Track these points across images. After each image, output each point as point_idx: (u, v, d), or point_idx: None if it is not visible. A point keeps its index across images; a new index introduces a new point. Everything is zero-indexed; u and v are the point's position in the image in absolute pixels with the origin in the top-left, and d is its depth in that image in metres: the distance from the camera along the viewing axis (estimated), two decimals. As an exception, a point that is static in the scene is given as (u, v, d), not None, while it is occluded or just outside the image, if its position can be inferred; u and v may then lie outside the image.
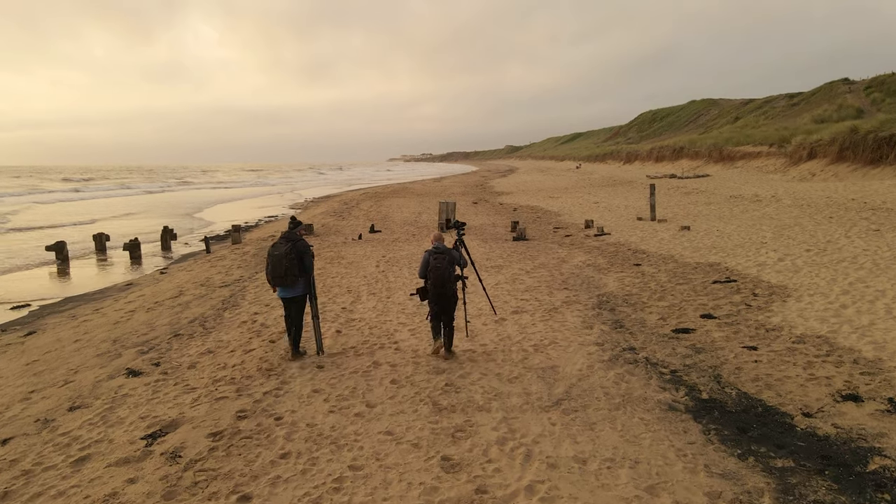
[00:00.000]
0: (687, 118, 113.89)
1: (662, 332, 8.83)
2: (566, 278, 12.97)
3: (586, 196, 34.95)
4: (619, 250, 16.43)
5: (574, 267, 14.31)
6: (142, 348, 8.78)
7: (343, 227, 23.89)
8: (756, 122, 76.82)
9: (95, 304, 13.08)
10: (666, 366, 7.40)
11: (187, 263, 17.90)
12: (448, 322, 7.76)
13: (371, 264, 15.06)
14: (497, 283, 12.48)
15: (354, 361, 7.63)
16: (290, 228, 7.96)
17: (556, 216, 26.10)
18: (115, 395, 6.92)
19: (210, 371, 7.47)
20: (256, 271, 14.93)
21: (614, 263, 14.55)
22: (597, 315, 9.86)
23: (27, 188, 67.42)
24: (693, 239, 17.41)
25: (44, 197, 52.84)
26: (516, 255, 16.12)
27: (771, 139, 43.47)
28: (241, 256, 17.79)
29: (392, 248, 17.80)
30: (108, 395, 6.93)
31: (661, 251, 15.84)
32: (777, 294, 10.63)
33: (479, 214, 27.86)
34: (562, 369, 7.29)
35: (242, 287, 12.96)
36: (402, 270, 14.08)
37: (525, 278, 12.99)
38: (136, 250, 20.28)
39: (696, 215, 22.83)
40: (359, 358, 7.76)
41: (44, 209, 40.87)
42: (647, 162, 65.52)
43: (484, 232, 21.53)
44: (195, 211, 39.03)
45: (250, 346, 8.52)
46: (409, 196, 41.28)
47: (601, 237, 19.18)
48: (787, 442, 5.41)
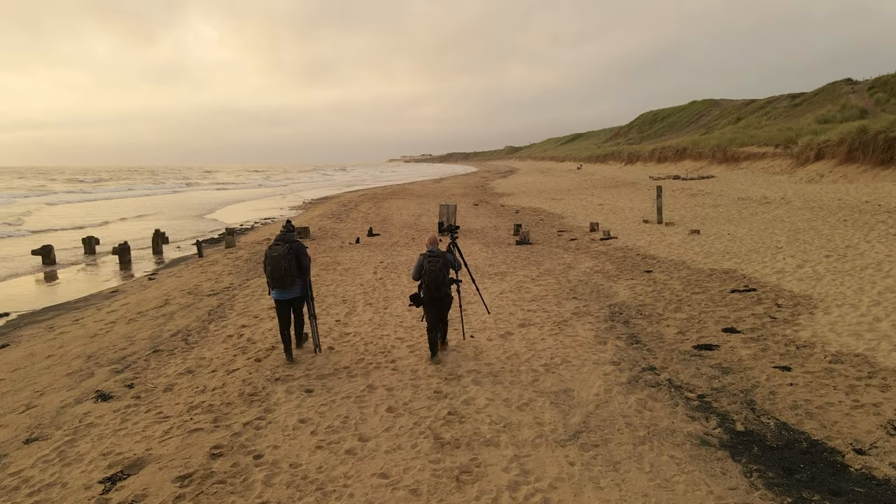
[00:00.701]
0: (688, 119, 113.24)
1: (683, 349, 8.11)
2: (574, 286, 12.25)
3: (590, 198, 34.24)
4: (628, 255, 15.72)
5: (582, 274, 13.59)
6: (117, 366, 8.04)
7: (340, 231, 23.17)
8: (758, 122, 76.20)
9: (76, 314, 12.36)
10: (692, 389, 6.68)
11: (177, 269, 17.17)
12: (442, 319, 7.96)
13: (368, 271, 14.34)
14: (501, 291, 11.75)
15: (347, 385, 6.89)
16: (284, 232, 7.99)
17: (560, 219, 25.39)
18: (79, 423, 6.19)
19: (187, 395, 6.74)
20: (248, 278, 14.21)
21: (623, 270, 13.84)
22: (610, 328, 9.14)
23: (34, 189, 66.52)
24: (704, 243, 16.69)
25: (53, 198, 51.98)
26: (520, 261, 15.40)
27: (776, 140, 42.75)
28: (234, 262, 17.07)
29: (390, 253, 17.08)
30: (72, 424, 6.20)
31: (672, 256, 15.12)
32: (802, 305, 9.91)
33: (480, 217, 27.14)
34: (577, 393, 6.57)
35: (232, 296, 12.23)
36: (400, 277, 13.36)
37: (531, 286, 12.27)
38: (126, 255, 19.57)
39: (705, 218, 22.11)
40: (352, 380, 7.03)
41: (56, 210, 40.35)
42: (650, 163, 64.80)
43: (486, 235, 20.81)
44: (206, 212, 38.42)
45: (234, 364, 7.79)
46: (408, 198, 40.56)
47: (607, 241, 18.47)
48: (843, 488, 4.69)
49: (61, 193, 58.81)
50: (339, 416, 6.07)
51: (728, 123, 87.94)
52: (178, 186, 74.53)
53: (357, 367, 7.54)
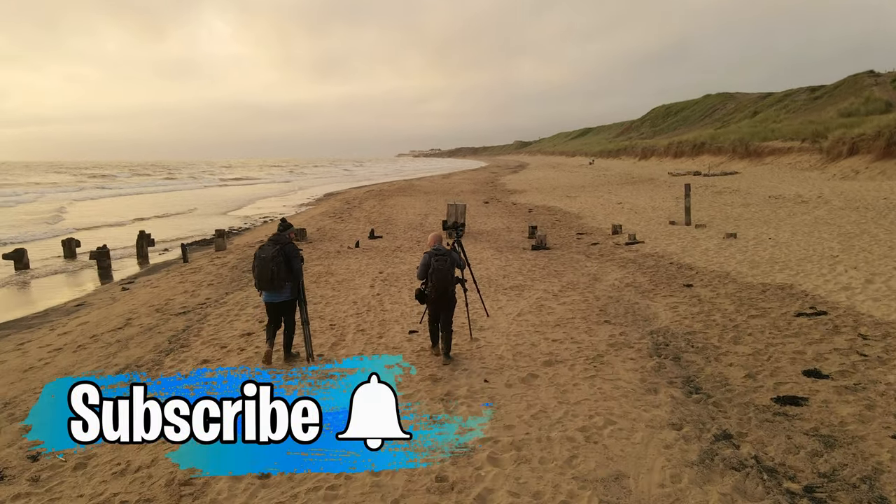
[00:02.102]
0: (702, 113, 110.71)
1: (760, 402, 6.26)
2: (604, 305, 10.41)
3: (607, 195, 32.27)
4: (660, 264, 13.84)
5: (610, 287, 11.75)
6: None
7: (340, 232, 21.40)
8: (777, 116, 73.87)
9: (26, 335, 10.65)
10: (792, 476, 4.85)
11: (156, 277, 15.46)
12: (446, 326, 7.58)
13: (365, 283, 12.55)
14: (520, 312, 9.93)
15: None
16: (279, 231, 7.71)
17: (578, 219, 23.49)
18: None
19: (99, 479, 4.97)
20: (228, 291, 12.47)
21: (659, 283, 11.98)
22: (658, 368, 7.30)
23: (54, 185, 64.45)
24: (744, 249, 14.79)
25: (79, 194, 50.25)
26: (538, 271, 13.57)
27: (802, 134, 40.54)
28: (218, 269, 15.35)
29: (392, 261, 15.29)
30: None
31: (712, 266, 13.23)
32: (894, 336, 8.03)
33: (491, 216, 25.28)
34: (633, 482, 4.75)
35: (203, 315, 10.48)
36: (401, 293, 11.55)
37: (553, 305, 10.44)
38: (105, 260, 17.84)
39: (737, 219, 20.17)
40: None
41: (86, 206, 39.13)
42: (665, 158, 62.63)
43: (498, 238, 18.96)
44: (235, 208, 36.97)
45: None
46: (415, 194, 38.73)
47: (633, 246, 16.59)
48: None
49: (88, 189, 56.65)
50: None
51: (745, 117, 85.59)
52: (208, 182, 73.65)
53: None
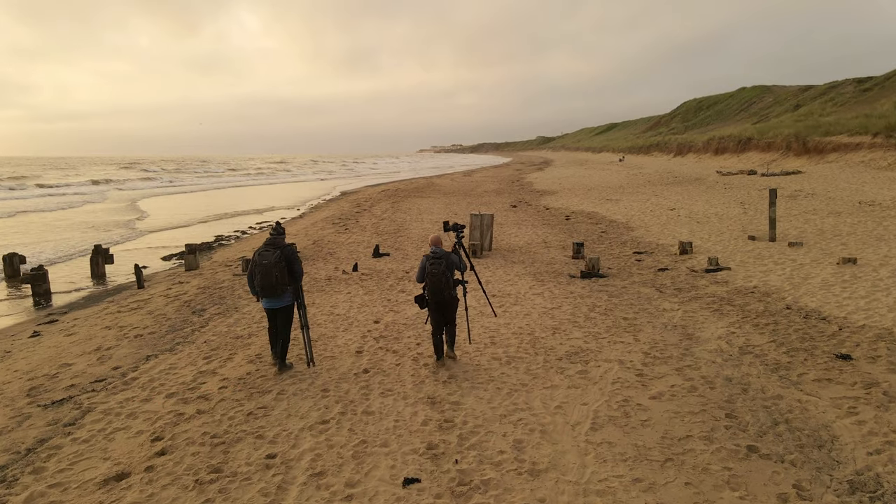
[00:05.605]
0: (737, 107, 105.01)
1: None
2: (728, 398, 6.37)
3: (653, 198, 27.95)
4: (773, 309, 9.73)
5: (717, 355, 7.70)
6: None
7: (340, 246, 17.55)
8: (823, 109, 68.63)
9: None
10: None
11: (88, 312, 11.73)
12: (450, 322, 7.47)
13: (353, 340, 8.64)
14: (593, 420, 5.92)
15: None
16: (273, 235, 7.35)
17: (629, 230, 19.31)
18: None
19: None
20: (155, 351, 8.64)
21: (792, 349, 7.89)
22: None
23: (105, 182, 61.30)
24: (884, 285, 10.61)
25: (136, 193, 47.01)
26: (600, 318, 9.55)
27: (872, 128, 35.75)
28: (170, 302, 11.61)
29: (396, 297, 11.38)
30: None
31: (855, 316, 9.08)
32: None
33: (522, 225, 21.19)
34: None
35: (83, 412, 6.57)
36: (401, 367, 7.60)
37: (643, 399, 6.42)
38: (41, 284, 14.17)
39: (837, 234, 15.88)
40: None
41: (156, 204, 36.95)
42: (704, 154, 57.86)
43: (534, 258, 14.92)
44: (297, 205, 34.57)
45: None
46: (434, 195, 34.76)
47: (718, 274, 12.48)
48: None
49: (146, 189, 52.88)
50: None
51: (785, 111, 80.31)
52: (283, 177, 71.97)
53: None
